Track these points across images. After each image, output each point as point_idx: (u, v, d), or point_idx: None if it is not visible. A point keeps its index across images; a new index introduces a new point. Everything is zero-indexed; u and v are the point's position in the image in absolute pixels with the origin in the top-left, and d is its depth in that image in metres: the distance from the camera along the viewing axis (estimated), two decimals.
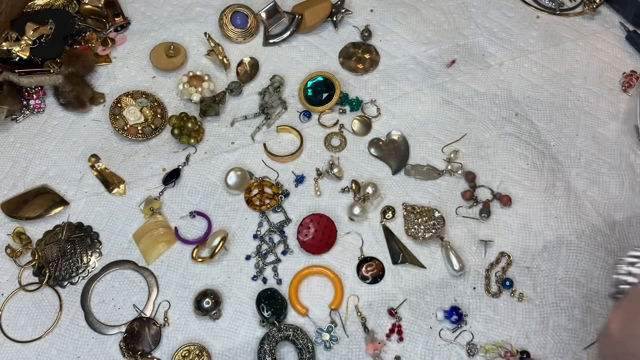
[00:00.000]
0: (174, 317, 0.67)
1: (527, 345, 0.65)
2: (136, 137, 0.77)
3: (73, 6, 0.87)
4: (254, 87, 0.82)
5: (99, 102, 0.80)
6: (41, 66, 0.80)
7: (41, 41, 0.81)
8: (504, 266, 0.69)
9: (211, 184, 0.75)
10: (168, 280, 0.69)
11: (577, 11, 0.90)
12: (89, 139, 0.78)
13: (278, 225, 0.72)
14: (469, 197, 0.73)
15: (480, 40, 0.87)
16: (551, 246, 0.70)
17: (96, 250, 0.71)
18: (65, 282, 0.69)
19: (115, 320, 0.67)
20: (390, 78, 0.83)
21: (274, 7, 0.85)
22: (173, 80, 0.83)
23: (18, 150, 0.77)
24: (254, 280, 0.69)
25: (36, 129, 0.78)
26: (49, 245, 0.71)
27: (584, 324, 0.66)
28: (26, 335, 0.66)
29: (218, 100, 0.79)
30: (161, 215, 0.72)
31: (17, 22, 0.82)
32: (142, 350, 0.65)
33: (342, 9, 0.86)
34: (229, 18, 0.86)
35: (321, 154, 0.77)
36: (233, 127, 0.79)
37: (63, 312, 0.67)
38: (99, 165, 0.76)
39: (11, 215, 0.72)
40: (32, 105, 0.79)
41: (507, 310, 0.67)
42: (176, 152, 0.77)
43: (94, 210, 0.73)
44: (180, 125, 0.76)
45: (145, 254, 0.70)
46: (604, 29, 0.88)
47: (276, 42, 0.86)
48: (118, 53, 0.84)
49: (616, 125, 0.80)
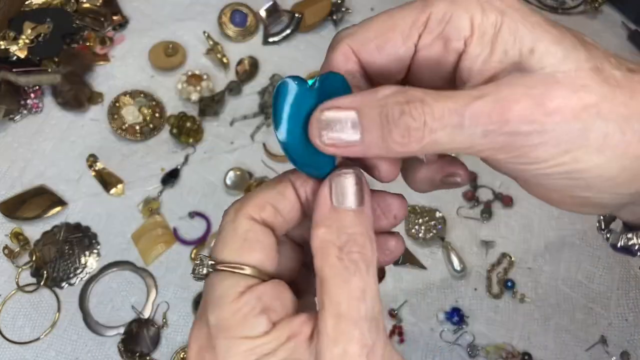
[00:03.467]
0: (173, 318, 0.67)
1: (529, 347, 0.65)
2: (135, 137, 0.77)
3: (71, 5, 0.86)
4: (253, 86, 0.82)
5: (97, 102, 0.80)
6: (39, 65, 0.79)
7: (39, 40, 0.80)
8: (506, 267, 0.69)
9: (210, 184, 0.74)
10: (167, 281, 0.68)
11: (579, 10, 0.90)
12: (87, 138, 0.77)
13: None
14: (470, 197, 0.73)
15: None
16: (553, 247, 0.70)
17: (94, 251, 0.70)
18: (64, 283, 0.68)
19: (113, 321, 0.67)
20: None
21: (274, 5, 0.84)
22: (172, 79, 0.82)
23: (16, 150, 0.76)
24: None
25: (34, 129, 0.78)
26: (46, 246, 0.70)
27: (585, 325, 0.66)
28: (24, 336, 0.66)
29: (217, 99, 0.79)
30: (160, 215, 0.72)
31: (15, 20, 0.82)
32: (141, 351, 0.64)
33: (342, 8, 0.86)
34: (228, 17, 0.85)
35: None
36: (232, 126, 0.79)
37: (61, 313, 0.67)
38: (97, 165, 0.75)
39: (9, 216, 0.71)
40: (29, 105, 0.79)
41: (508, 311, 0.67)
42: (175, 152, 0.77)
43: (92, 210, 0.73)
44: (179, 125, 0.76)
45: (144, 254, 0.70)
46: (606, 28, 0.88)
47: (276, 41, 0.85)
48: (116, 52, 0.84)
49: None
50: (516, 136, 0.26)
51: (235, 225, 0.30)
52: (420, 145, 0.27)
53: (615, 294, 0.68)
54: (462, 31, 0.28)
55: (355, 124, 0.28)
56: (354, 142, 0.28)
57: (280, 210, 0.31)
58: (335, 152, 0.29)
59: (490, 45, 0.28)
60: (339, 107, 0.28)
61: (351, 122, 0.28)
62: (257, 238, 0.30)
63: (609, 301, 0.67)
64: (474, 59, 0.28)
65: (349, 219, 0.29)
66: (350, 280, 0.27)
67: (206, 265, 0.30)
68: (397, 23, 0.29)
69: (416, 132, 0.26)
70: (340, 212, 0.29)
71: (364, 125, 0.27)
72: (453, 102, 0.26)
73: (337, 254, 0.28)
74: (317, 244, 0.28)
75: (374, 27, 0.30)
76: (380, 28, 0.29)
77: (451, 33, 0.28)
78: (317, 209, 0.29)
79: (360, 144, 0.28)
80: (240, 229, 0.30)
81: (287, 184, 0.31)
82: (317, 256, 0.28)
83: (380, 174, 0.31)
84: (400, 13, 0.29)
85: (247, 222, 0.30)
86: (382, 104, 0.27)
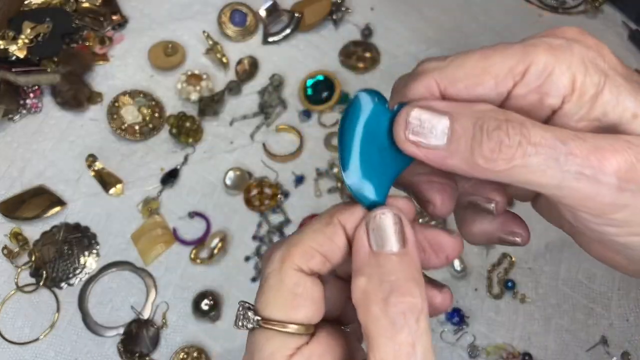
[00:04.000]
0: (173, 319, 0.67)
1: (529, 347, 0.65)
2: (134, 137, 0.77)
3: (70, 4, 0.86)
4: (253, 86, 0.82)
5: (97, 102, 0.80)
6: (38, 65, 0.79)
7: (38, 40, 0.80)
8: (506, 267, 0.69)
9: (210, 184, 0.74)
10: (166, 281, 0.68)
11: (579, 9, 0.90)
12: (86, 138, 0.77)
13: (278, 226, 0.72)
14: None
15: (482, 39, 0.86)
16: (553, 247, 0.70)
17: (94, 251, 0.70)
18: (63, 283, 0.68)
19: (113, 321, 0.66)
20: (391, 77, 0.82)
21: (274, 5, 0.84)
22: (171, 79, 0.82)
23: (15, 150, 0.76)
24: (254, 282, 0.68)
25: (33, 129, 0.78)
26: (46, 246, 0.70)
27: (586, 325, 0.66)
28: (23, 336, 0.66)
29: (217, 99, 0.79)
30: (159, 215, 0.72)
31: (14, 20, 0.81)
32: (141, 352, 0.64)
33: (342, 7, 0.85)
34: (227, 16, 0.85)
35: (321, 154, 0.77)
36: (232, 126, 0.78)
37: (60, 313, 0.67)
38: (96, 165, 0.75)
39: (8, 216, 0.71)
40: (29, 105, 0.78)
41: (509, 311, 0.67)
42: (174, 152, 0.76)
43: (91, 210, 0.72)
44: (178, 125, 0.76)
45: (144, 254, 0.69)
46: (607, 28, 0.88)
47: (275, 41, 0.85)
48: (116, 52, 0.84)
49: None
50: (608, 189, 0.25)
51: (282, 277, 0.28)
52: (507, 166, 0.25)
53: (616, 295, 0.68)
54: (561, 89, 0.26)
55: (445, 128, 0.26)
56: (438, 146, 0.27)
57: (330, 257, 0.29)
58: (414, 152, 0.27)
59: (589, 105, 0.26)
60: (432, 108, 0.27)
61: (442, 125, 0.26)
62: (307, 293, 0.28)
63: (609, 301, 0.67)
64: (569, 116, 0.27)
65: (390, 264, 0.26)
66: (398, 336, 0.25)
67: (252, 321, 0.28)
68: (493, 67, 0.27)
69: (508, 149, 0.25)
70: (381, 256, 0.27)
71: (454, 130, 0.26)
72: (552, 134, 0.25)
73: (381, 306, 0.25)
74: (358, 295, 0.26)
75: (466, 67, 0.27)
76: (473, 69, 0.27)
77: (550, 89, 0.26)
78: (355, 255, 0.27)
79: (444, 150, 0.26)
80: (288, 282, 0.28)
81: (337, 228, 0.29)
82: (360, 310, 0.26)
83: (435, 209, 0.30)
84: (497, 57, 0.27)
85: (295, 274, 0.28)
86: (479, 115, 0.26)
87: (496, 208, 0.31)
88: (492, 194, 0.31)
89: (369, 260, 0.27)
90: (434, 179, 0.30)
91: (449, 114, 0.26)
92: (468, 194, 0.32)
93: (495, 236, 0.32)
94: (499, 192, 0.31)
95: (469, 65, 0.27)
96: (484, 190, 0.31)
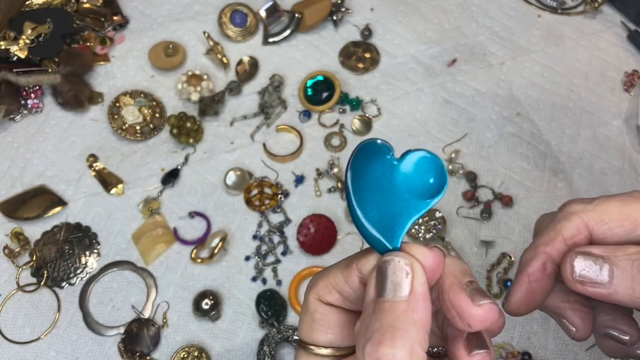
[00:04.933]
0: (173, 318, 0.67)
1: (529, 347, 0.65)
2: (135, 137, 0.77)
3: (71, 5, 0.86)
4: (253, 86, 0.82)
5: (97, 102, 0.80)
6: (39, 65, 0.80)
7: (39, 40, 0.80)
8: (506, 267, 0.69)
9: (210, 184, 0.74)
10: (167, 281, 0.68)
11: (578, 10, 0.90)
12: (87, 138, 0.77)
13: (278, 226, 0.72)
14: (470, 197, 0.73)
15: (482, 39, 0.86)
16: None
17: (94, 250, 0.70)
18: (64, 282, 0.68)
19: (113, 321, 0.67)
20: (390, 77, 0.83)
21: (274, 5, 0.84)
22: (172, 79, 0.82)
23: (16, 150, 0.76)
24: (254, 281, 0.69)
25: (34, 129, 0.78)
26: (47, 246, 0.70)
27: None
28: (24, 336, 0.66)
29: (217, 99, 0.79)
30: (160, 215, 0.72)
31: (15, 21, 0.82)
32: (141, 351, 0.64)
33: (342, 8, 0.86)
34: (228, 17, 0.85)
35: (321, 154, 0.77)
36: (232, 126, 0.79)
37: (61, 313, 0.67)
38: (97, 165, 0.75)
39: (9, 216, 0.71)
40: (30, 105, 0.79)
41: None
42: (175, 152, 0.77)
43: (92, 210, 0.73)
44: (179, 125, 0.76)
45: (144, 254, 0.70)
46: (606, 28, 0.88)
47: (276, 41, 0.85)
48: (116, 52, 0.84)
49: (618, 125, 0.79)
50: None
51: (307, 303, 0.32)
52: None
53: None
54: None
55: (607, 271, 0.31)
56: (602, 283, 0.31)
57: (345, 296, 0.31)
58: (582, 289, 0.31)
59: None
60: (592, 254, 0.31)
61: (605, 269, 0.31)
62: (323, 320, 0.31)
63: None
64: None
65: (381, 311, 0.27)
66: None
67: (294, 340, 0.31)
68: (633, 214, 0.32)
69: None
70: (377, 303, 0.28)
71: (614, 271, 0.31)
72: None
73: (361, 352, 0.26)
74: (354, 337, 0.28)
75: (610, 213, 0.33)
76: (619, 212, 0.33)
77: None
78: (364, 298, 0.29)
79: (608, 287, 0.31)
80: (310, 307, 0.31)
81: (352, 271, 0.31)
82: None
83: (576, 333, 0.34)
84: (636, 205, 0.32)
85: (314, 302, 0.31)
86: (634, 257, 0.30)
87: (630, 341, 0.35)
88: (629, 329, 0.35)
89: (369, 305, 0.28)
90: (577, 306, 0.35)
91: (608, 258, 0.31)
92: (606, 326, 0.36)
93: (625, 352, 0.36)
94: (634, 327, 0.35)
95: (612, 210, 0.33)
96: (620, 324, 0.36)
